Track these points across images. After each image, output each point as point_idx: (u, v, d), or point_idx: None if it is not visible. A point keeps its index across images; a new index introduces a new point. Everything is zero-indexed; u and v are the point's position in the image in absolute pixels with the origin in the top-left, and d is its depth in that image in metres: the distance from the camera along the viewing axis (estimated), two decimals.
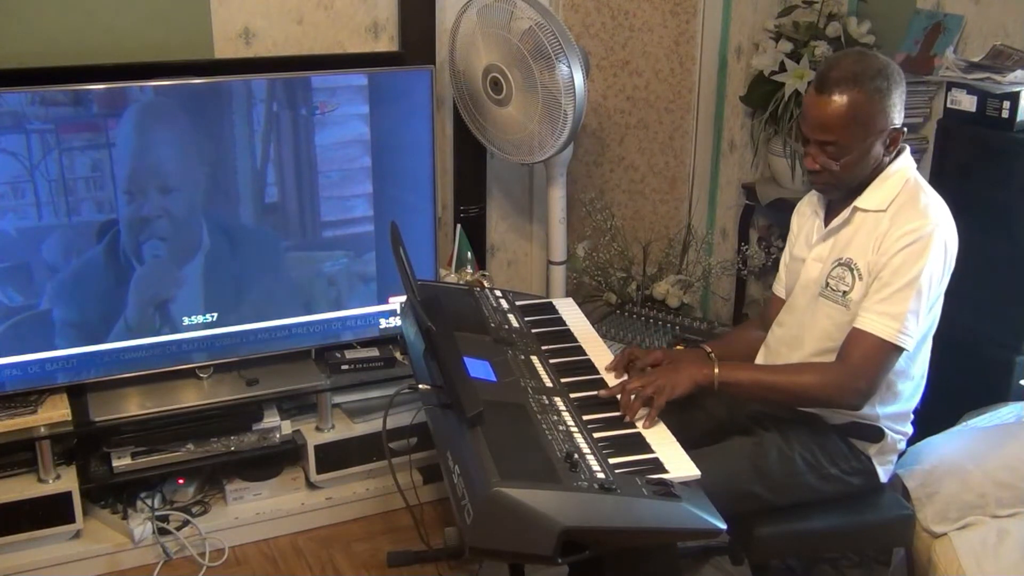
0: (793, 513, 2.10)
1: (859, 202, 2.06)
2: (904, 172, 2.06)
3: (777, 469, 2.07)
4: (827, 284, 2.06)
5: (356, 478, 3.00)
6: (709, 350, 2.24)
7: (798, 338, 2.14)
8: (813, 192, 2.21)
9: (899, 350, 1.96)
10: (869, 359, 1.95)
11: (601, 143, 3.65)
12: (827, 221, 2.13)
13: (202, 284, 2.75)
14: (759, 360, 2.26)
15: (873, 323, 1.95)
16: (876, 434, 2.09)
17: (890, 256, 1.95)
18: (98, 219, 2.58)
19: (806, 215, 2.23)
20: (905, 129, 2.03)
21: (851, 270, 2.02)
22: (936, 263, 1.95)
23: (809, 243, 2.17)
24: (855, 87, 1.94)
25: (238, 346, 2.84)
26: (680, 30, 3.64)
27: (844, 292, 2.03)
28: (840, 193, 2.11)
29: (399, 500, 2.21)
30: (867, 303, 1.97)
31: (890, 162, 2.05)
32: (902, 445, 2.17)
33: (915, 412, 2.16)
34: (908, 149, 2.09)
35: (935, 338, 2.13)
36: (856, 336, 1.97)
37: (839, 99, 1.95)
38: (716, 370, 1.99)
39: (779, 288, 2.31)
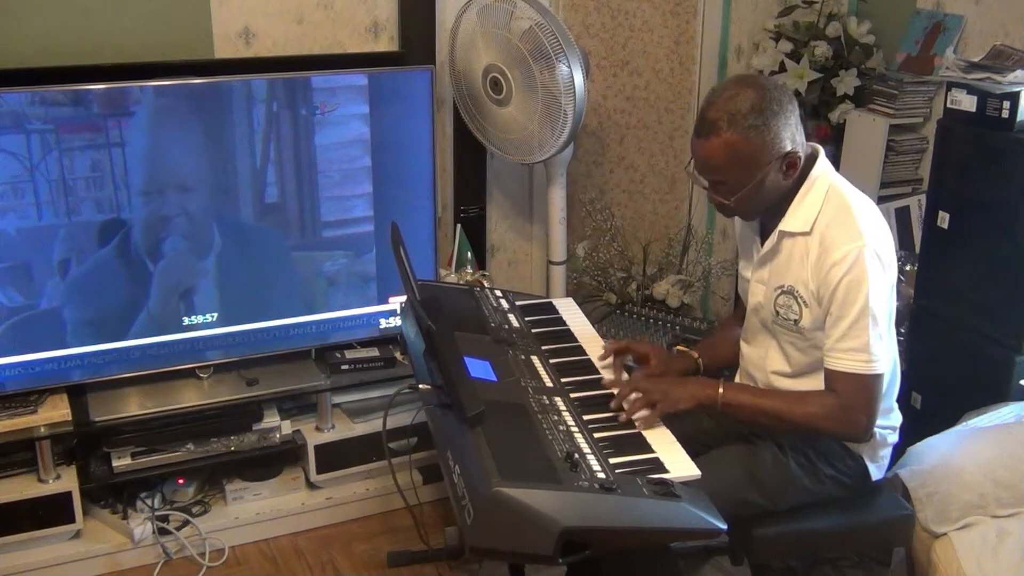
0: (793, 513, 2.11)
1: (783, 225, 2.02)
2: (823, 180, 2.00)
3: (773, 475, 2.07)
4: (777, 313, 2.05)
5: (356, 478, 3.00)
6: (697, 356, 2.25)
7: (763, 358, 2.15)
8: None
9: (879, 376, 1.93)
10: (858, 393, 1.93)
11: (601, 143, 3.65)
12: (762, 242, 2.10)
13: (201, 284, 2.75)
14: (736, 378, 2.27)
15: (843, 362, 1.92)
16: None
17: (832, 289, 1.92)
18: (99, 219, 2.58)
19: (746, 226, 2.18)
20: (800, 152, 1.95)
21: (795, 298, 2.00)
22: (876, 278, 1.90)
23: (751, 262, 2.15)
24: (729, 129, 1.88)
25: (238, 346, 2.84)
26: (680, 30, 3.64)
27: (795, 320, 2.02)
28: (755, 217, 2.09)
29: (399, 500, 2.22)
30: (829, 342, 1.94)
31: (804, 174, 1.99)
32: (893, 438, 2.16)
33: (898, 400, 2.15)
34: (823, 152, 2.03)
35: (935, 339, 2.13)
36: (834, 377, 1.95)
37: (716, 142, 1.90)
38: (720, 391, 1.99)
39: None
